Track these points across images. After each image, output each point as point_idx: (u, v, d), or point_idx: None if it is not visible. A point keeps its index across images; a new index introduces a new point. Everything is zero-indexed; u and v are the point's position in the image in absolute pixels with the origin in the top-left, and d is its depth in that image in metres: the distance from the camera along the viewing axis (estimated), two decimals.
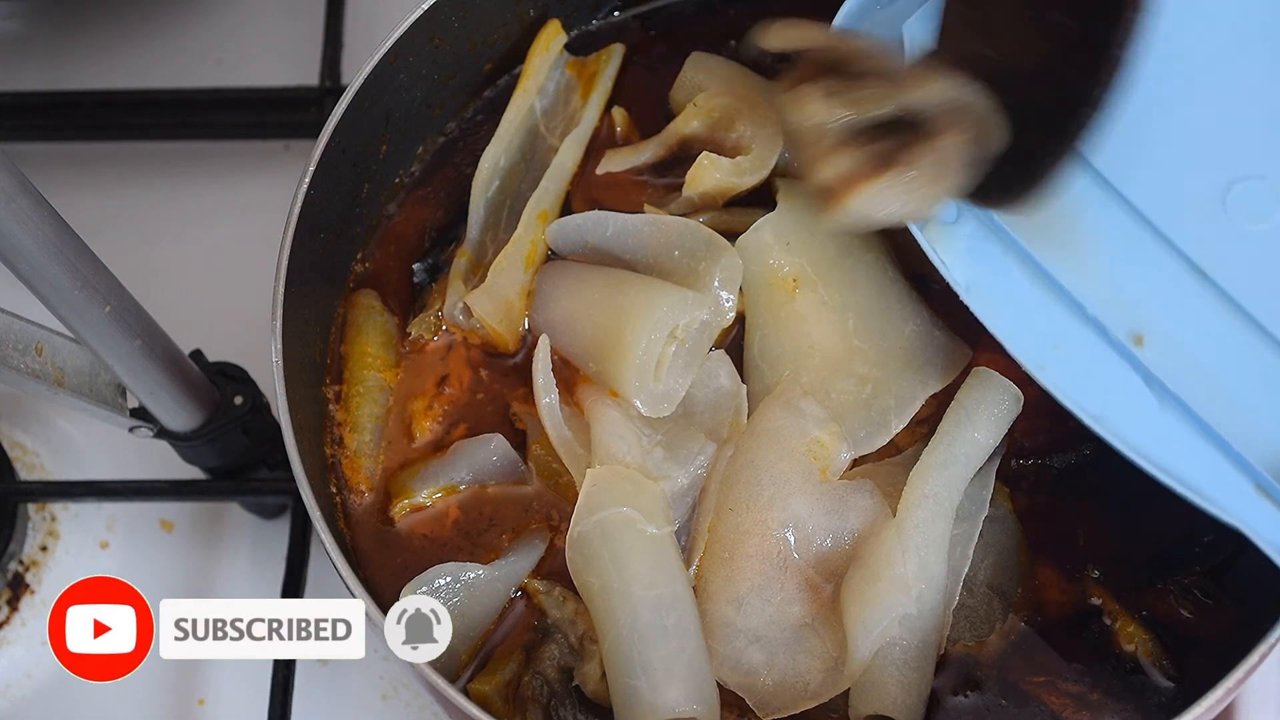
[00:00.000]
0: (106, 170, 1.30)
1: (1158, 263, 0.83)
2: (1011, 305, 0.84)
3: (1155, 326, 0.82)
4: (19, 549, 1.17)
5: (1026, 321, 0.84)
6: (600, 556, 0.85)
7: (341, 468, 0.95)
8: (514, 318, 0.97)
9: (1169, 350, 0.82)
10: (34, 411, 1.22)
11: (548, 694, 0.87)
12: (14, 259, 0.83)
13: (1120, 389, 0.82)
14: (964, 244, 0.86)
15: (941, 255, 0.85)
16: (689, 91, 1.01)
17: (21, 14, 1.39)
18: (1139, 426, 0.81)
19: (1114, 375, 0.83)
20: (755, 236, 0.95)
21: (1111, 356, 0.83)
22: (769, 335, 0.94)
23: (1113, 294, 0.83)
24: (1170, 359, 0.82)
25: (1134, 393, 0.82)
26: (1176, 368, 0.82)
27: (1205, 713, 0.79)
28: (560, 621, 0.89)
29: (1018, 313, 0.84)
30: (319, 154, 0.92)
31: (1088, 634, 0.88)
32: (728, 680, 0.86)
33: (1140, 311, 0.83)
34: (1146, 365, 0.82)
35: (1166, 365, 0.82)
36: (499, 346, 0.97)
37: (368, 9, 1.32)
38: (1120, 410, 0.81)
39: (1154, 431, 0.81)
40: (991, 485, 0.88)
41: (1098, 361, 0.83)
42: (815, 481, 0.88)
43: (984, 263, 0.85)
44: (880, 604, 0.83)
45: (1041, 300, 0.84)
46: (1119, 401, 0.82)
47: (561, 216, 0.99)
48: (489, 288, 0.96)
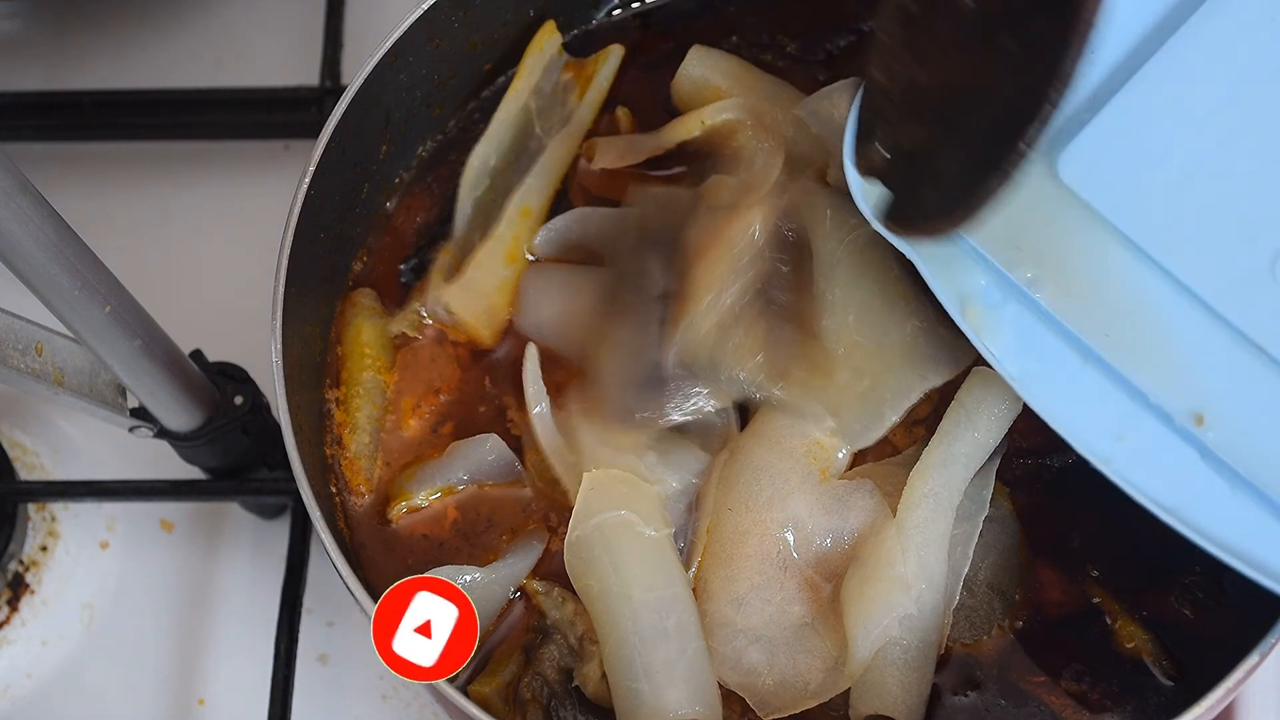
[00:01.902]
0: (106, 170, 1.30)
1: (1210, 338, 0.80)
2: (1068, 395, 0.81)
3: (1214, 405, 0.79)
4: (19, 549, 1.16)
5: (1086, 412, 0.81)
6: (599, 560, 0.85)
7: (341, 468, 0.95)
8: (493, 313, 0.97)
9: (1231, 429, 0.79)
10: (34, 411, 1.22)
11: (548, 695, 0.87)
12: (14, 259, 0.83)
13: (1189, 476, 0.79)
14: (1011, 331, 0.82)
15: (990, 346, 0.82)
16: (692, 85, 1.01)
17: (21, 14, 1.39)
18: (1213, 514, 0.78)
19: (1180, 461, 0.79)
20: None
21: (1175, 442, 0.79)
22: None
23: (1168, 375, 0.80)
24: (1233, 438, 0.78)
25: (1202, 479, 0.79)
26: (1240, 447, 0.78)
27: (1205, 713, 0.78)
28: (560, 622, 0.89)
29: (1075, 403, 0.81)
30: (319, 154, 0.92)
31: (1088, 634, 0.88)
32: (728, 680, 0.86)
33: (1197, 390, 0.79)
34: (1210, 447, 0.79)
35: (1230, 445, 0.78)
36: (477, 341, 0.97)
37: (368, 9, 1.32)
38: (1193, 499, 0.78)
39: (1230, 519, 0.78)
40: (991, 485, 0.88)
41: (1163, 449, 0.79)
42: (815, 482, 0.88)
43: (1035, 351, 0.82)
44: (880, 604, 0.83)
45: (1098, 388, 0.81)
46: (1190, 490, 0.78)
47: (556, 215, 0.99)
48: (466, 282, 0.96)
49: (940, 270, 0.83)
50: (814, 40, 1.06)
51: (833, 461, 0.89)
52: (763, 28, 1.06)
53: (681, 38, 1.04)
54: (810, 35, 1.06)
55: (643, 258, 0.93)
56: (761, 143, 0.97)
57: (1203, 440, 0.79)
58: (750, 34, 1.06)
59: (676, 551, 0.88)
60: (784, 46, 1.06)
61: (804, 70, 1.04)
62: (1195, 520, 0.78)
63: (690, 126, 0.99)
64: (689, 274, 0.90)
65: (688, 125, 0.99)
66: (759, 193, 0.94)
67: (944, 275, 0.83)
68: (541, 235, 0.99)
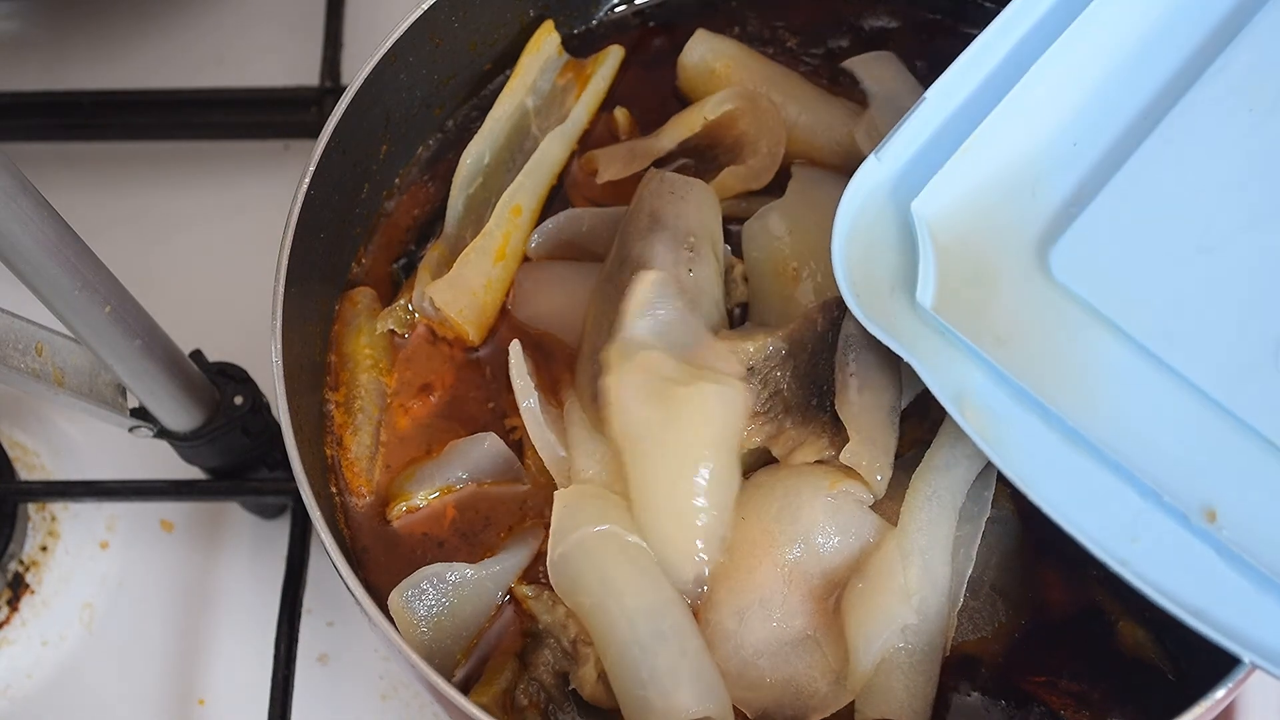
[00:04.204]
0: (106, 170, 1.30)
1: (1216, 431, 0.79)
2: (1078, 496, 0.79)
3: (1225, 499, 0.78)
4: (19, 549, 1.17)
5: (1098, 513, 0.79)
6: (585, 576, 0.85)
7: (341, 469, 0.95)
8: (480, 310, 0.97)
9: (1244, 523, 0.77)
10: (34, 411, 1.22)
11: (545, 700, 0.87)
12: (14, 259, 0.83)
13: (1208, 575, 0.77)
14: (1014, 431, 0.81)
15: (993, 448, 0.80)
16: (696, 70, 1.02)
17: (21, 14, 1.39)
18: (1238, 613, 0.76)
19: (1198, 560, 0.77)
20: (760, 224, 0.95)
21: (1191, 540, 0.78)
22: (769, 322, 0.93)
23: (1176, 470, 0.78)
24: (1247, 532, 0.77)
25: (1221, 577, 0.77)
26: (1256, 540, 0.77)
27: (1205, 713, 0.78)
28: (551, 626, 0.88)
29: (1086, 504, 0.79)
30: (319, 154, 0.92)
31: (1089, 633, 0.88)
32: (730, 693, 0.85)
33: (1207, 485, 0.78)
34: (1226, 544, 0.77)
35: (1245, 540, 0.77)
36: (463, 338, 0.97)
37: (368, 9, 1.32)
38: (1216, 599, 0.76)
39: (1256, 617, 0.76)
40: (993, 486, 0.88)
41: (1179, 548, 0.78)
42: (824, 492, 0.87)
43: (1040, 451, 0.80)
44: (881, 615, 0.83)
45: (1108, 487, 0.79)
46: (1211, 589, 0.77)
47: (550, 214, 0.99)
48: (452, 278, 0.96)
49: (934, 368, 0.82)
50: (813, 36, 1.06)
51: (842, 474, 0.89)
52: (763, 23, 1.07)
53: (682, 34, 1.04)
54: (810, 31, 1.06)
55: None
56: (763, 128, 0.97)
57: (1218, 537, 0.77)
58: (750, 29, 1.07)
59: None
60: (784, 41, 1.06)
61: (803, 65, 1.04)
62: (1221, 620, 0.76)
63: (692, 123, 0.99)
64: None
65: (690, 122, 1.00)
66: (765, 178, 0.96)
67: (938, 373, 0.82)
68: (536, 236, 0.99)
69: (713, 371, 0.87)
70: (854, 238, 0.84)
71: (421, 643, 0.88)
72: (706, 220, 0.93)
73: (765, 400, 0.87)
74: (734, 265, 0.95)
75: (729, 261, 0.95)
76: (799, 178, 0.96)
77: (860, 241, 0.84)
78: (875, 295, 0.84)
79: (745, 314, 0.95)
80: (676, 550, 0.85)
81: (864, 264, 0.84)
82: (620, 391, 0.86)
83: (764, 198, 0.97)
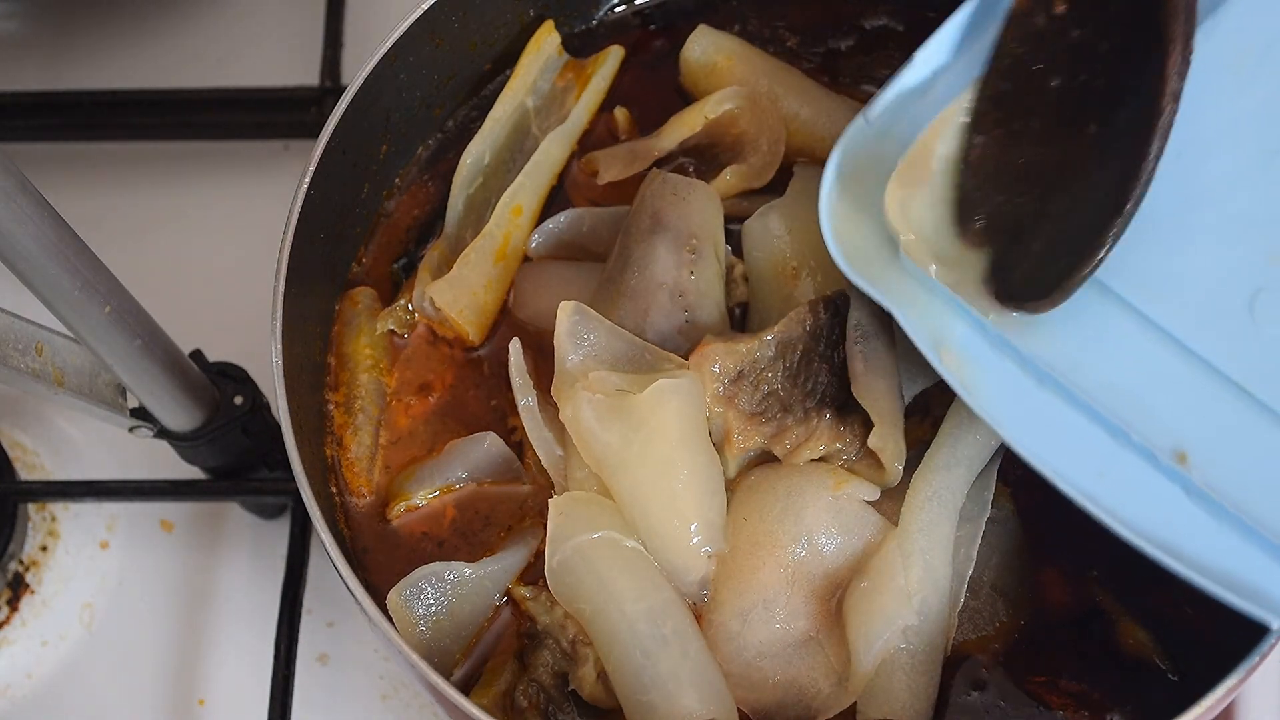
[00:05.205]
0: (106, 170, 1.30)
1: (1190, 379, 0.80)
2: (1049, 437, 0.81)
3: (1197, 444, 0.79)
4: (19, 549, 1.17)
5: (1067, 452, 0.80)
6: (585, 582, 0.85)
7: (341, 469, 0.95)
8: (480, 310, 0.97)
9: (1215, 466, 0.78)
10: (34, 411, 1.22)
11: (545, 701, 0.87)
12: (14, 259, 0.83)
13: (1173, 511, 0.78)
14: (989, 377, 0.82)
15: (969, 392, 0.81)
16: (699, 65, 1.02)
17: (21, 14, 1.39)
18: (1200, 547, 0.77)
19: (1164, 497, 0.79)
20: (760, 222, 0.95)
21: (1159, 479, 0.79)
22: (769, 322, 0.93)
23: (1149, 415, 0.79)
24: (1217, 475, 0.78)
25: (1186, 513, 0.78)
26: (1225, 483, 0.78)
27: (1205, 713, 0.78)
28: (550, 627, 0.88)
29: (1057, 444, 0.80)
30: (319, 154, 0.92)
31: (1089, 633, 0.88)
32: (732, 694, 0.85)
33: (1180, 430, 0.79)
34: (1196, 484, 0.78)
35: (1215, 481, 0.78)
36: (463, 338, 0.97)
37: (368, 9, 1.32)
38: (1179, 533, 0.77)
39: (1216, 551, 0.77)
40: (993, 486, 0.88)
41: (1146, 485, 0.79)
42: (828, 493, 0.87)
43: (1014, 395, 0.82)
44: (882, 616, 0.83)
45: (1079, 428, 0.80)
46: (1175, 524, 0.78)
47: (550, 214, 0.99)
48: (452, 278, 0.96)
49: (916, 317, 0.82)
50: (814, 35, 1.06)
51: (845, 474, 0.89)
52: (763, 22, 1.07)
53: (682, 34, 1.04)
54: (810, 30, 1.06)
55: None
56: (764, 126, 0.97)
57: (1188, 477, 0.78)
58: (751, 28, 1.07)
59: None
60: (784, 41, 1.06)
61: (804, 65, 1.04)
62: (1182, 552, 0.77)
63: (693, 123, 0.99)
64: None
65: (690, 122, 1.00)
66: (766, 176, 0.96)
67: (919, 322, 0.82)
68: (536, 236, 0.99)
69: (659, 368, 0.88)
70: (842, 196, 0.85)
71: (420, 642, 0.87)
72: (708, 222, 0.94)
73: (759, 402, 0.87)
74: (734, 265, 0.95)
75: (729, 261, 0.95)
76: (800, 176, 0.96)
77: (847, 200, 0.85)
78: (861, 253, 0.84)
79: (745, 314, 0.96)
80: (679, 555, 0.85)
81: (851, 222, 0.85)
82: (578, 420, 0.86)
83: (765, 196, 0.97)
